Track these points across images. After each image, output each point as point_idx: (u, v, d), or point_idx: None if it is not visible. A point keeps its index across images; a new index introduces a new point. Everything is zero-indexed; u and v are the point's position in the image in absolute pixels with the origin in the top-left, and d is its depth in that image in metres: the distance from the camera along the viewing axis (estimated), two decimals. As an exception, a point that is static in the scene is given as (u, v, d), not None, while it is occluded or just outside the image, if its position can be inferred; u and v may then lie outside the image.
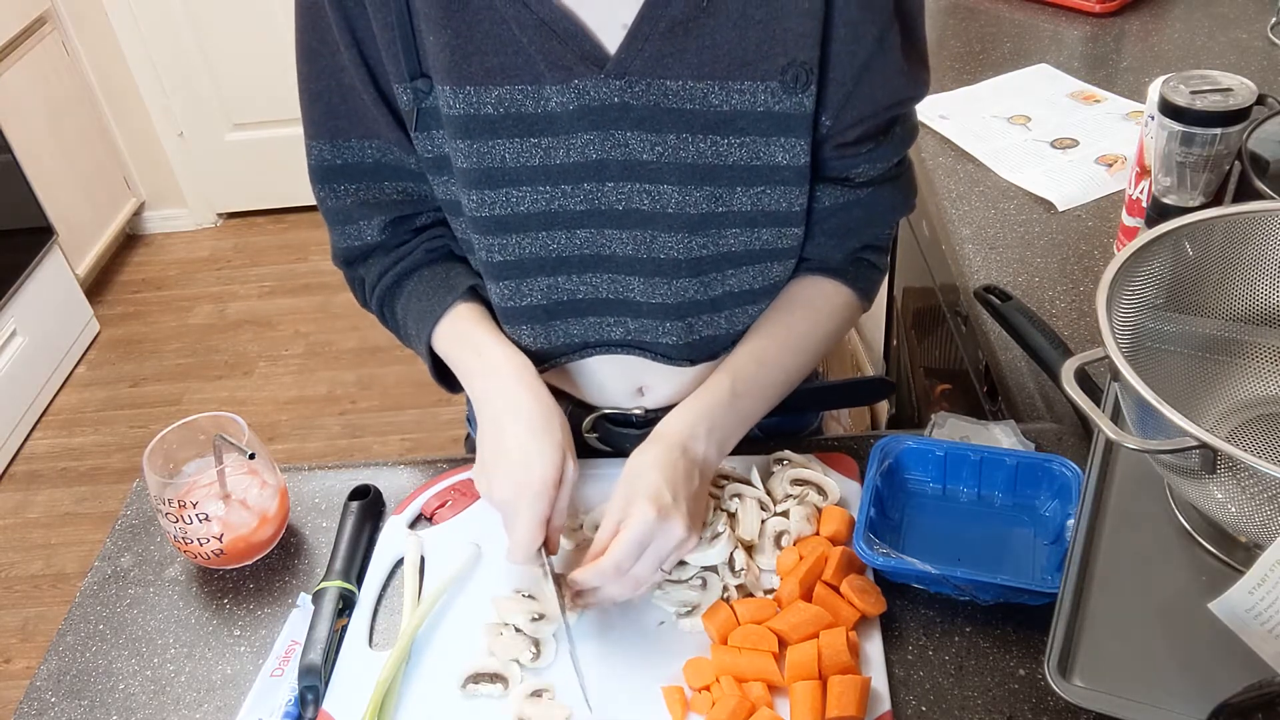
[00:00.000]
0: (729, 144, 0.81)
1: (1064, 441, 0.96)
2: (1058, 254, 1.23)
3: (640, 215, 0.84)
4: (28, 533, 2.45)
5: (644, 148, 0.81)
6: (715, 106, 0.79)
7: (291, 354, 2.92)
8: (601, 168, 0.82)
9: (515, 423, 0.83)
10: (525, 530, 0.80)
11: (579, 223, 0.85)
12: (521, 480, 0.81)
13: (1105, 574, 0.76)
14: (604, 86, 0.79)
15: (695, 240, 0.85)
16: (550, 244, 0.86)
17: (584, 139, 0.81)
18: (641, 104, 0.79)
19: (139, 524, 1.00)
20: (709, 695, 0.78)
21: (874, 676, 0.78)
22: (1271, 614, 0.62)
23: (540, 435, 0.82)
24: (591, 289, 0.89)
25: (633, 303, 0.90)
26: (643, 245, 0.86)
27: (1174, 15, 1.72)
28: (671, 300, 0.88)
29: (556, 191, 0.83)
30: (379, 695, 0.79)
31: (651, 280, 0.88)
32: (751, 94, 0.79)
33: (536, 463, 0.81)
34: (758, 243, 0.87)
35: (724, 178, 0.82)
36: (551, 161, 0.82)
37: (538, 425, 0.83)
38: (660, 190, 0.83)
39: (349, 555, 0.91)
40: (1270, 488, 0.64)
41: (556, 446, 0.82)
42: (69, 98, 3.07)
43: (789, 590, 0.83)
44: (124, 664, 0.88)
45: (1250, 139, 1.07)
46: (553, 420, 0.84)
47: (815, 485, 0.92)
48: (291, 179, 3.32)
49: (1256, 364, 0.83)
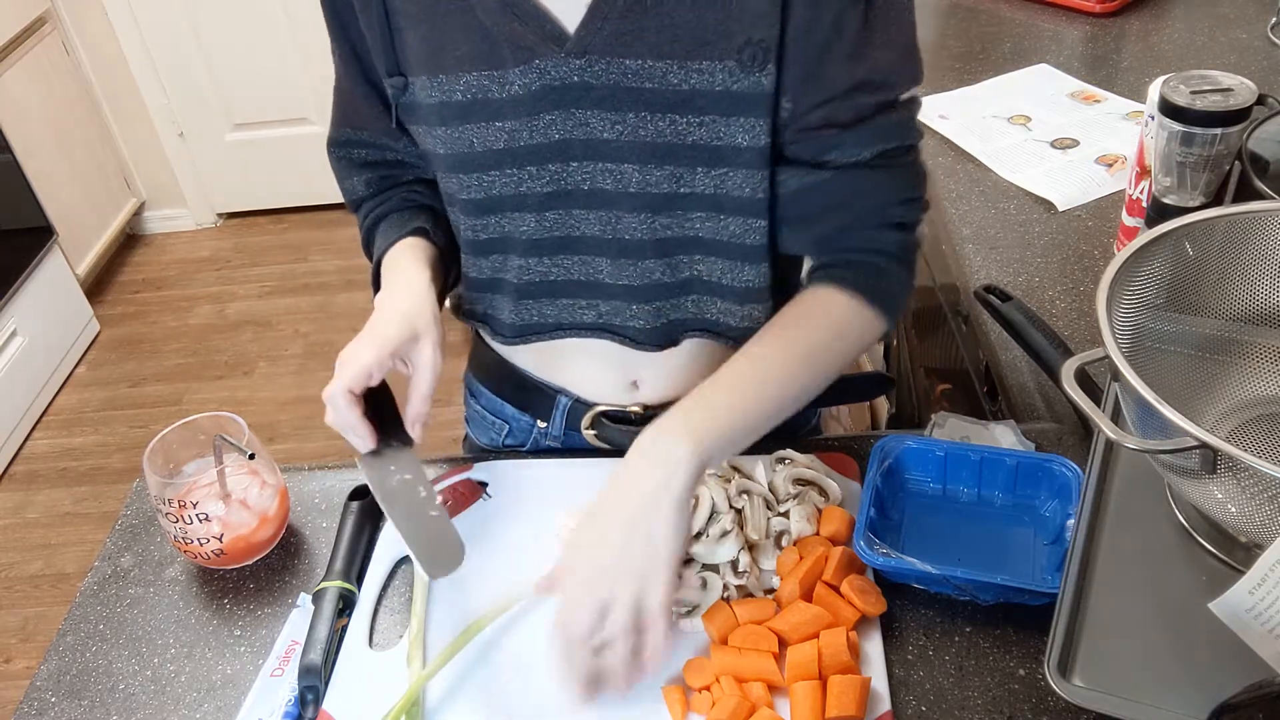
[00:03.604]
0: (688, 123, 0.82)
1: (1064, 441, 0.96)
2: (1058, 254, 1.23)
3: (605, 195, 0.87)
4: (28, 533, 2.45)
5: (605, 126, 0.83)
6: (674, 85, 0.81)
7: (291, 354, 2.92)
8: (565, 148, 0.85)
9: (382, 306, 0.88)
10: (340, 376, 0.83)
11: (547, 204, 0.88)
12: (362, 338, 0.85)
13: (1105, 574, 0.76)
14: (564, 66, 0.81)
15: (659, 220, 0.87)
16: (522, 225, 0.90)
17: (546, 119, 0.83)
18: (602, 83, 0.81)
19: (139, 524, 1.00)
20: (709, 695, 0.78)
21: (874, 676, 0.78)
22: (1271, 614, 0.62)
23: (394, 315, 0.86)
24: (564, 270, 0.92)
25: (602, 285, 0.92)
26: (608, 226, 0.88)
27: (1174, 15, 1.72)
28: (638, 282, 0.91)
29: (523, 174, 0.86)
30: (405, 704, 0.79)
31: (618, 261, 0.90)
32: (710, 73, 0.80)
33: (381, 328, 0.85)
34: (724, 233, 0.88)
35: (684, 157, 0.84)
36: (516, 144, 0.85)
37: (397, 309, 0.87)
38: (622, 170, 0.85)
39: (349, 555, 0.91)
40: (1270, 488, 0.64)
41: (405, 321, 0.85)
42: (69, 98, 3.08)
43: (789, 590, 0.83)
44: (124, 664, 0.88)
45: (1250, 139, 1.07)
46: (416, 309, 0.87)
47: (816, 486, 0.92)
48: (291, 179, 3.33)
49: (1256, 364, 0.83)
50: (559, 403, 1.02)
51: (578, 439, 1.03)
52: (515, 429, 1.08)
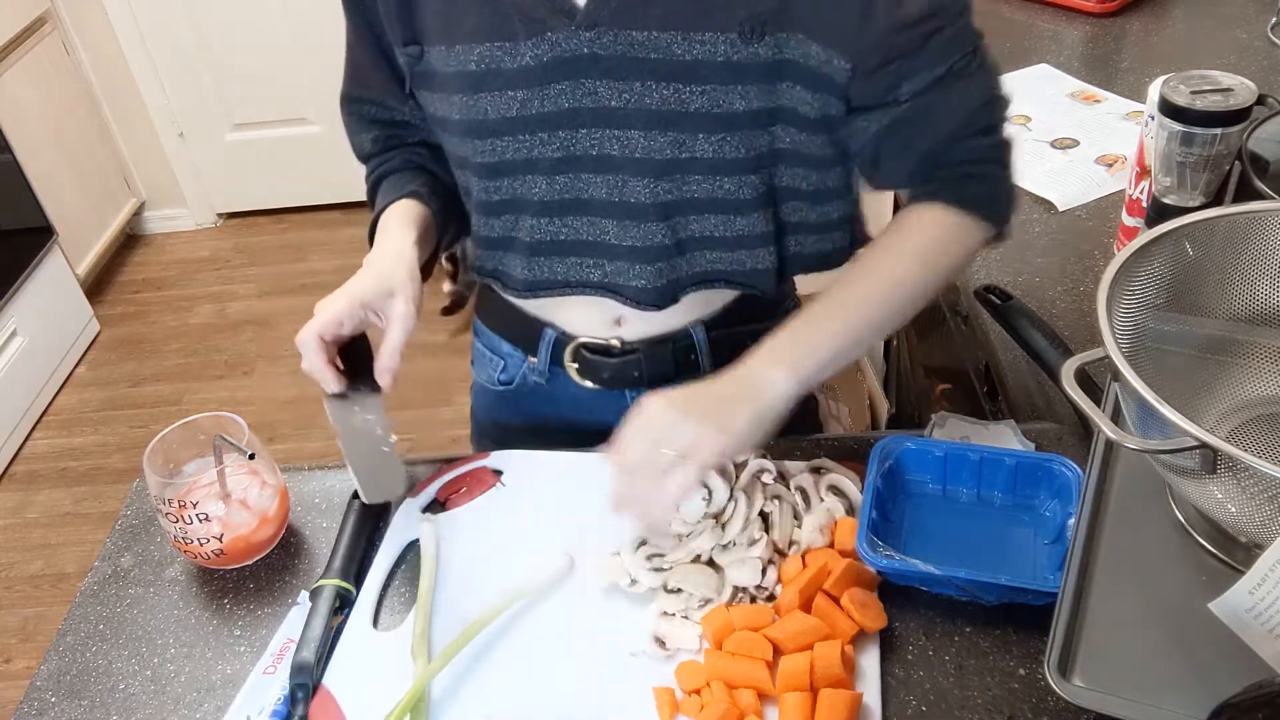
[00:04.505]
0: (691, 92, 0.85)
1: (1064, 441, 0.96)
2: (1058, 254, 1.23)
3: (611, 161, 0.90)
4: (28, 533, 2.45)
5: (612, 95, 0.86)
6: (678, 56, 0.84)
7: (291, 354, 2.87)
8: (574, 116, 0.88)
9: (365, 265, 0.93)
10: (311, 323, 0.89)
11: (557, 169, 0.92)
12: (338, 291, 0.90)
13: (1105, 574, 0.76)
14: (574, 38, 0.84)
15: (661, 185, 0.90)
16: (534, 188, 0.94)
17: (556, 89, 0.87)
18: (609, 54, 0.85)
19: (139, 524, 1.00)
20: (698, 699, 0.77)
21: (867, 692, 0.77)
22: (1271, 614, 0.62)
23: (371, 272, 0.91)
24: (573, 231, 0.95)
25: (608, 245, 0.95)
26: (615, 190, 0.92)
27: (1174, 15, 1.72)
28: (641, 244, 0.94)
29: (534, 140, 0.90)
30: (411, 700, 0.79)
31: (623, 223, 0.93)
32: (712, 44, 0.83)
33: (356, 283, 0.90)
34: (720, 191, 0.91)
35: (687, 124, 0.87)
36: (528, 112, 0.88)
37: (376, 267, 0.91)
38: (628, 136, 0.88)
39: (349, 554, 0.91)
40: (1270, 488, 0.64)
41: (381, 278, 0.90)
42: (69, 98, 3.08)
43: (788, 599, 0.82)
44: (124, 664, 0.88)
45: (1250, 139, 1.08)
46: (392, 268, 0.91)
47: (844, 495, 0.90)
48: (291, 179, 3.33)
49: (1256, 364, 0.83)
50: (544, 335, 1.05)
51: (562, 376, 1.06)
52: (509, 364, 1.12)
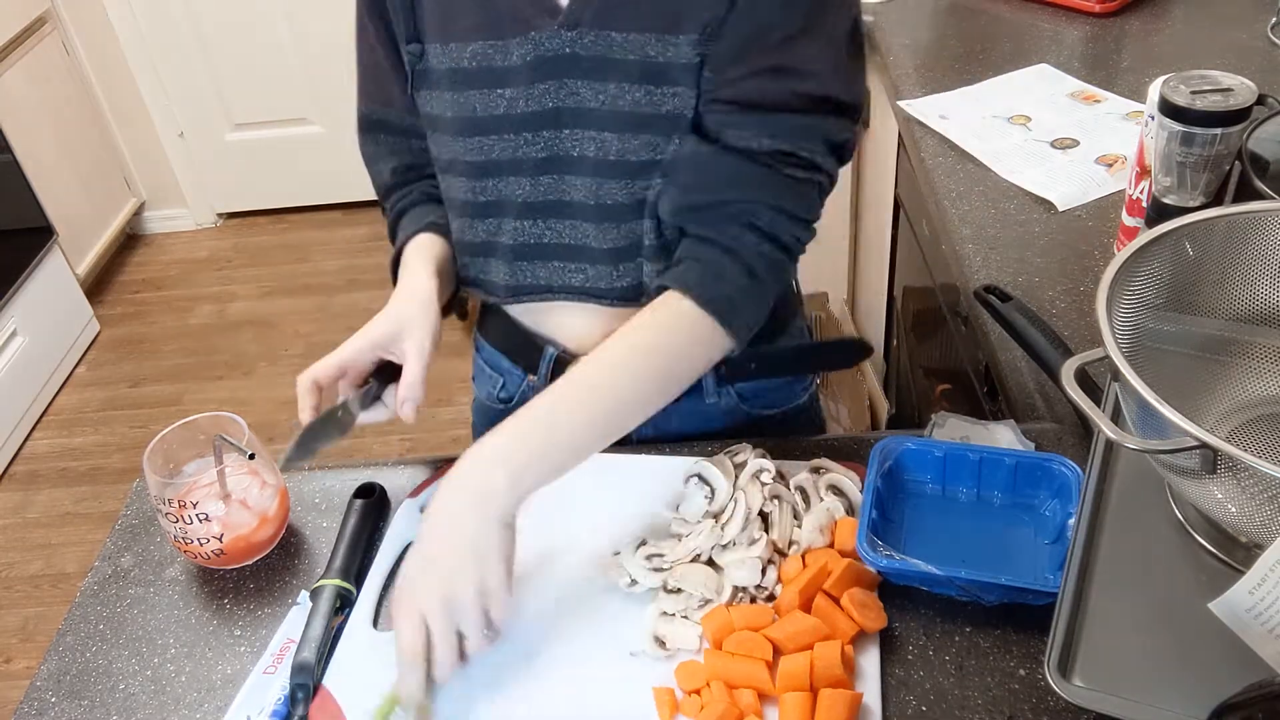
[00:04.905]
0: (662, 94, 0.86)
1: (1064, 441, 0.96)
2: (1058, 254, 1.23)
3: (589, 163, 0.91)
4: (28, 533, 2.46)
5: (590, 96, 0.88)
6: (651, 58, 0.85)
7: (291, 354, 2.92)
8: (557, 116, 0.89)
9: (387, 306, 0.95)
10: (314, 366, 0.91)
11: (540, 169, 0.92)
12: (354, 335, 0.93)
13: (1105, 574, 0.76)
14: (556, 38, 0.86)
15: (636, 185, 0.91)
16: (518, 189, 0.94)
17: (541, 88, 0.88)
18: (589, 54, 0.86)
19: (139, 524, 1.00)
20: (698, 699, 0.77)
21: (867, 693, 0.77)
22: (1271, 614, 0.62)
23: (386, 315, 0.93)
24: (555, 234, 0.96)
25: (588, 248, 0.95)
26: (592, 191, 0.92)
27: (1174, 15, 1.72)
28: (621, 244, 0.94)
29: (519, 139, 0.91)
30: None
31: (602, 225, 0.93)
32: (679, 47, 0.85)
33: (371, 326, 0.93)
34: None
35: (659, 127, 0.88)
36: (515, 110, 0.90)
37: (392, 310, 0.94)
38: (604, 138, 0.89)
39: (349, 554, 0.91)
40: (1270, 488, 0.64)
41: (394, 321, 0.92)
42: (69, 98, 3.08)
43: (788, 599, 0.82)
44: (124, 664, 0.88)
45: (1250, 139, 1.07)
46: (409, 312, 0.93)
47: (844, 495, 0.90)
48: (291, 179, 3.33)
49: (1256, 364, 0.83)
50: (545, 354, 1.04)
51: None
52: (509, 382, 1.11)
